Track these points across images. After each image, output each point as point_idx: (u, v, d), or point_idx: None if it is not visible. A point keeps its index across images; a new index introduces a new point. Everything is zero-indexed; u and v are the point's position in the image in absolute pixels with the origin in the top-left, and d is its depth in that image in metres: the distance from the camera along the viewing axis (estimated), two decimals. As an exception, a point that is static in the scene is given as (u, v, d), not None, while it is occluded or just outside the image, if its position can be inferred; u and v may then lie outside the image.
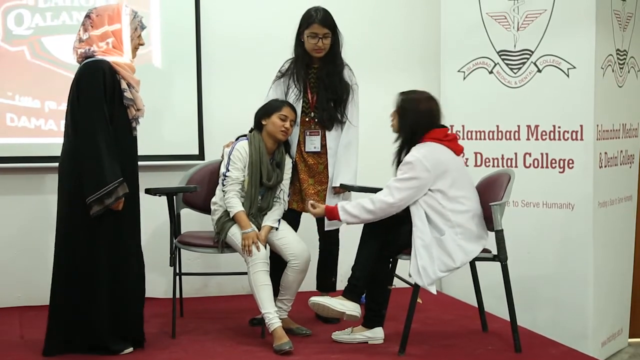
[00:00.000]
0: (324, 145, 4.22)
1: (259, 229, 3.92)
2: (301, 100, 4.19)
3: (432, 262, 3.65)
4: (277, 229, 3.98)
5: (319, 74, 4.20)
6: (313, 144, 4.20)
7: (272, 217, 4.00)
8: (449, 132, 3.84)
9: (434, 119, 3.79)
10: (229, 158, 3.99)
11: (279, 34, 4.58)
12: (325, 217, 3.92)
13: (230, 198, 3.94)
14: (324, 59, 4.19)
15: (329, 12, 4.18)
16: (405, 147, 3.79)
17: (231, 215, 3.92)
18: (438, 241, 3.67)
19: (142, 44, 3.76)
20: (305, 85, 4.20)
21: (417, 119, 3.76)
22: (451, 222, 3.69)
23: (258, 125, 4.06)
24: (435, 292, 3.71)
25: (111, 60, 3.58)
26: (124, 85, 3.60)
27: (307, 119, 4.20)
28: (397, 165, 3.81)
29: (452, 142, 3.80)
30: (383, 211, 3.71)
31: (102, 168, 3.50)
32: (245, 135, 4.09)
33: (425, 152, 3.69)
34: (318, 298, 3.82)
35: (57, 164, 3.72)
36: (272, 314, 3.77)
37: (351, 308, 3.78)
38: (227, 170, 3.98)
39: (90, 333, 3.63)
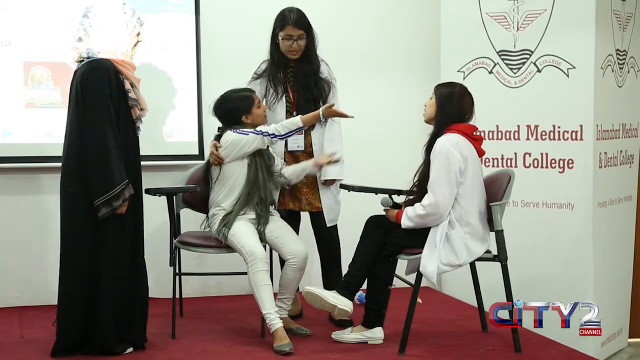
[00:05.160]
0: (309, 144, 4.23)
1: (262, 235, 3.93)
2: (283, 101, 4.21)
3: (439, 256, 3.66)
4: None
5: (295, 75, 4.22)
6: (296, 142, 4.22)
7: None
8: (477, 132, 3.83)
9: (466, 113, 3.78)
10: (241, 131, 3.95)
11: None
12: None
13: (281, 123, 3.96)
14: (299, 59, 4.20)
15: (303, 12, 4.19)
16: (437, 137, 3.76)
17: (301, 121, 3.95)
18: (446, 236, 3.69)
19: (141, 41, 3.76)
20: (286, 86, 4.22)
21: (453, 110, 3.75)
22: (463, 220, 3.70)
23: (238, 122, 4.04)
24: (435, 284, 3.73)
25: (113, 59, 3.58)
26: (127, 85, 3.60)
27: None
28: (427, 152, 3.79)
29: (477, 142, 3.80)
30: (433, 208, 3.69)
31: (110, 170, 3.50)
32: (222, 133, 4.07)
33: (453, 141, 3.69)
34: (312, 288, 3.83)
35: (57, 164, 3.72)
36: (273, 315, 3.77)
37: (343, 303, 3.78)
38: (254, 131, 3.94)
39: (94, 334, 3.63)
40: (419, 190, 3.82)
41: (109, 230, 3.59)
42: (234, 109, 4.05)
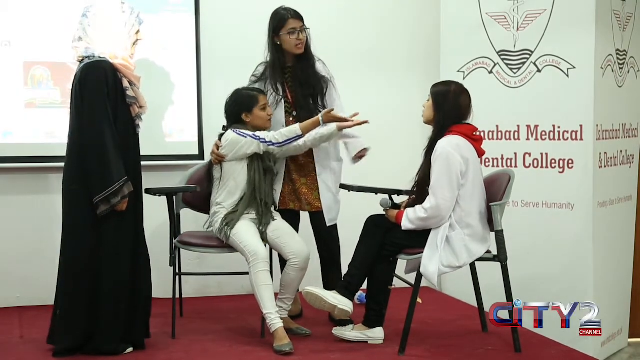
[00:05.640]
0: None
1: (264, 236, 3.92)
2: (282, 102, 4.20)
3: (440, 258, 3.66)
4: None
5: (293, 72, 4.22)
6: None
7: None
8: (477, 132, 3.82)
9: (465, 112, 3.77)
10: (240, 133, 3.96)
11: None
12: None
13: (282, 131, 3.96)
14: (296, 57, 4.20)
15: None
16: (437, 139, 3.74)
17: (300, 129, 3.95)
18: (447, 238, 3.69)
19: (140, 39, 3.76)
20: (284, 87, 4.21)
21: (450, 109, 3.74)
22: (463, 222, 3.70)
23: (237, 120, 4.05)
24: (436, 285, 3.73)
25: (111, 59, 3.59)
26: (125, 83, 3.61)
27: (290, 119, 4.20)
28: (427, 154, 3.78)
29: (477, 142, 3.79)
30: (434, 211, 3.68)
31: (109, 167, 3.51)
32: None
33: (454, 143, 3.68)
34: (313, 288, 3.83)
35: (57, 164, 3.73)
36: (274, 314, 3.77)
37: (343, 303, 3.78)
38: (253, 134, 3.96)
39: (95, 334, 3.63)
40: (418, 192, 3.82)
41: (109, 229, 3.59)
42: (237, 104, 4.06)
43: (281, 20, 4.17)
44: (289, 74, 4.24)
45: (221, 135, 4.08)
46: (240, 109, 4.05)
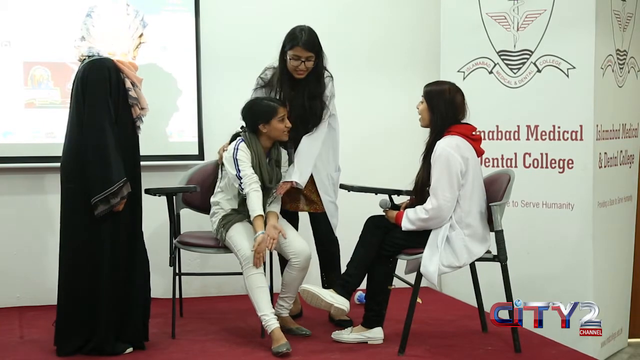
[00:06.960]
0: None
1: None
2: None
3: (439, 258, 3.66)
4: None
5: (299, 92, 4.11)
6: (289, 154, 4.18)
7: (274, 207, 4.01)
8: (475, 132, 3.81)
9: (460, 111, 3.76)
10: (236, 160, 3.94)
11: (279, 35, 4.57)
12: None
13: (252, 198, 3.85)
14: (306, 78, 4.09)
15: (315, 33, 4.07)
16: (436, 140, 3.73)
17: (252, 216, 3.84)
18: (447, 237, 3.69)
19: (143, 42, 3.76)
20: (284, 99, 4.12)
21: (446, 109, 3.73)
22: (463, 222, 3.70)
23: (254, 129, 4.01)
24: (436, 285, 3.72)
25: (114, 59, 3.59)
26: (128, 84, 3.61)
27: None
28: (425, 158, 3.78)
29: (476, 142, 3.79)
30: (436, 212, 3.68)
31: (109, 167, 3.50)
32: (239, 135, 4.05)
33: (453, 144, 3.68)
34: (309, 286, 3.83)
35: (56, 164, 3.73)
36: (269, 316, 3.77)
37: (340, 302, 3.78)
38: (239, 171, 3.90)
39: (94, 334, 3.63)
40: (418, 194, 3.81)
41: (104, 229, 3.59)
42: (254, 115, 4.00)
43: (290, 42, 4.05)
44: (296, 88, 4.12)
45: (235, 136, 4.04)
46: (258, 119, 3.98)
